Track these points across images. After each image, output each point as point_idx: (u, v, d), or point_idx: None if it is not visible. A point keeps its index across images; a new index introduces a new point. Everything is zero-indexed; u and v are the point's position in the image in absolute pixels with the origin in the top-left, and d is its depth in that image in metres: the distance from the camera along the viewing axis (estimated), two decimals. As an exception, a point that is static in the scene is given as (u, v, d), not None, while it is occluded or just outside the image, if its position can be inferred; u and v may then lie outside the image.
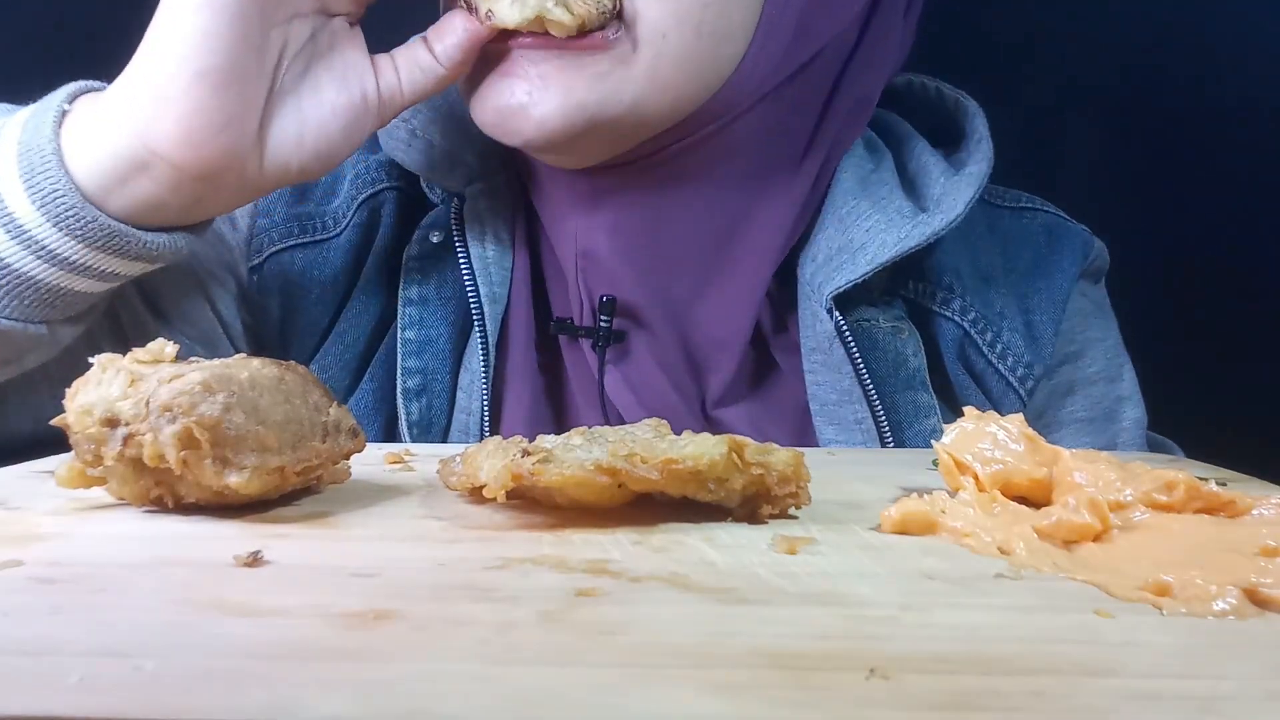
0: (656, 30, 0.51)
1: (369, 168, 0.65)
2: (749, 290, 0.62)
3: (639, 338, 0.62)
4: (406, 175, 0.65)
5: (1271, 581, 0.27)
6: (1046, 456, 0.38)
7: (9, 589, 0.27)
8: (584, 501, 0.34)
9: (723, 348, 0.62)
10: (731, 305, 0.62)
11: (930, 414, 0.62)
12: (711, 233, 0.61)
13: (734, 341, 0.62)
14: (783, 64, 0.57)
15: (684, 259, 0.61)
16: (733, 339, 0.62)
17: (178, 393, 0.33)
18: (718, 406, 0.63)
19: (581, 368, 0.64)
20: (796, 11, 0.56)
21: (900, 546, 0.33)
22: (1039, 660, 0.23)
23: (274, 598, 0.26)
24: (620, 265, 0.60)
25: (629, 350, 0.62)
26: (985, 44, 0.89)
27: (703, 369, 0.63)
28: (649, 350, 0.62)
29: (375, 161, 0.65)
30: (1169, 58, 0.90)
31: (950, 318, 0.64)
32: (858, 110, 0.63)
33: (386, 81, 0.52)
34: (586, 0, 0.49)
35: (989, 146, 0.63)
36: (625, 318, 0.61)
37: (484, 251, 0.61)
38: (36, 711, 0.19)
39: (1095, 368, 0.69)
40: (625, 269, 0.60)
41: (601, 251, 0.60)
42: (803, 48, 0.57)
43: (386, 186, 0.64)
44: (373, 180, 0.64)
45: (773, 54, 0.56)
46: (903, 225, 0.60)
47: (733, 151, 0.59)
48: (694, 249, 0.61)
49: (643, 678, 0.21)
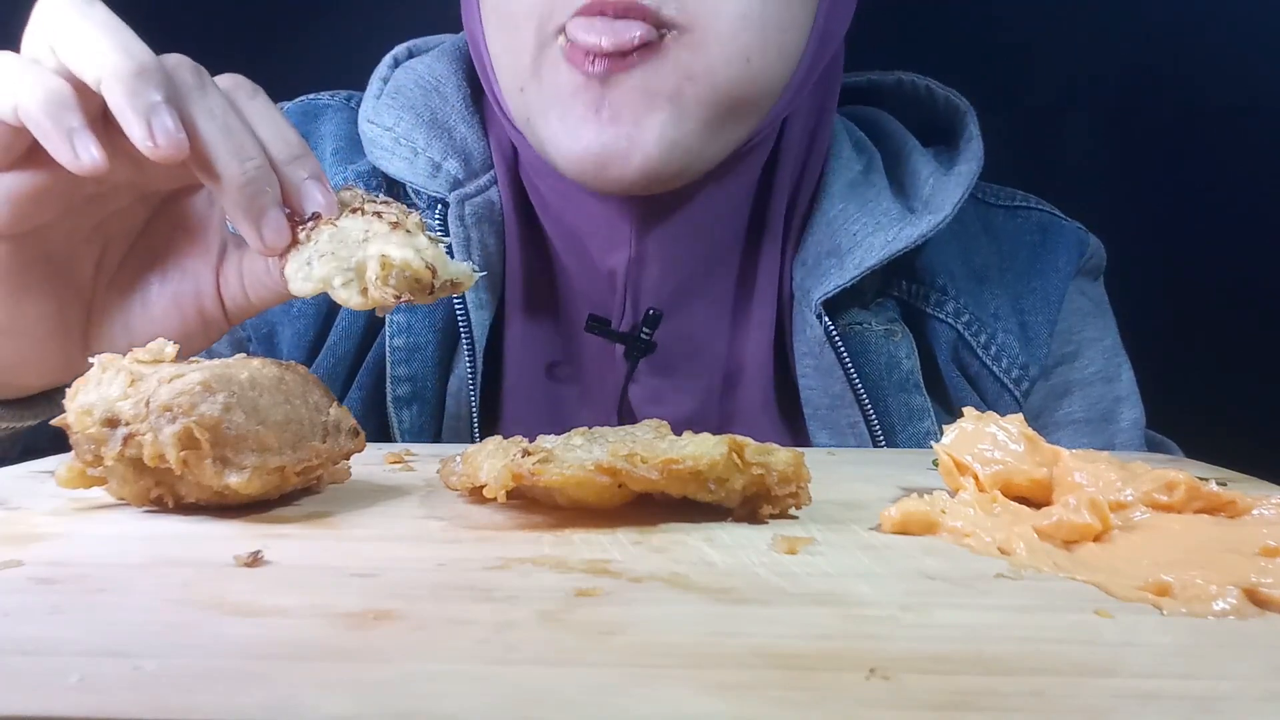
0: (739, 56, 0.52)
1: (347, 179, 0.63)
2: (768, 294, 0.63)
3: (671, 348, 0.62)
4: (390, 183, 0.64)
5: (1271, 581, 0.27)
6: (1046, 457, 0.38)
7: (9, 589, 0.27)
8: (584, 501, 0.34)
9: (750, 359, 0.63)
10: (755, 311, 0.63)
11: (924, 416, 0.62)
12: (737, 238, 0.62)
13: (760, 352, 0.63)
14: (811, 72, 0.58)
15: (716, 266, 0.62)
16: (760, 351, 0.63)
17: (178, 393, 0.33)
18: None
19: (600, 373, 0.64)
20: (824, 20, 0.57)
21: (900, 546, 0.33)
22: (1039, 660, 0.23)
23: (274, 598, 0.26)
24: (669, 275, 0.60)
25: (659, 361, 0.62)
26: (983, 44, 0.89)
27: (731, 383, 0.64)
28: (677, 361, 0.62)
29: (355, 172, 0.64)
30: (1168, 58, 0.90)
31: (943, 320, 0.64)
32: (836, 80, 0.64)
33: (230, 292, 0.47)
34: (381, 286, 0.39)
35: (979, 145, 0.63)
36: (660, 327, 0.61)
37: (469, 257, 0.61)
38: (36, 711, 0.19)
39: (1093, 368, 0.68)
40: (672, 278, 0.61)
41: (653, 262, 0.60)
42: (824, 53, 0.59)
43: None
44: None
45: (812, 54, 0.57)
46: (890, 228, 0.60)
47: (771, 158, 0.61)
48: (730, 256, 0.62)
49: (642, 678, 0.21)
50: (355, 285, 0.39)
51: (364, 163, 0.64)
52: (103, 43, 0.37)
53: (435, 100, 0.63)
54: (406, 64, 0.66)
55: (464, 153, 0.62)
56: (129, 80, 0.37)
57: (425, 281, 0.38)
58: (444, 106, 0.63)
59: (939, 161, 0.64)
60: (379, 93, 0.64)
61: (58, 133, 0.37)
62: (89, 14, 0.38)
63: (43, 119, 0.37)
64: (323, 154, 0.65)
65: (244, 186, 0.39)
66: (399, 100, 0.63)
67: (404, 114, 0.62)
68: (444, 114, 0.63)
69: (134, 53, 0.37)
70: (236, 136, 0.39)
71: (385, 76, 0.65)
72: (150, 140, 0.37)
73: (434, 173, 0.61)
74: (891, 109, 0.70)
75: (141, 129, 0.37)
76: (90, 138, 0.37)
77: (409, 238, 0.39)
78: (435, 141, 0.62)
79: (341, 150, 0.65)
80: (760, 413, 0.63)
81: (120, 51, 0.37)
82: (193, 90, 0.39)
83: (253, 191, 0.39)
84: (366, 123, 0.63)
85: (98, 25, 0.38)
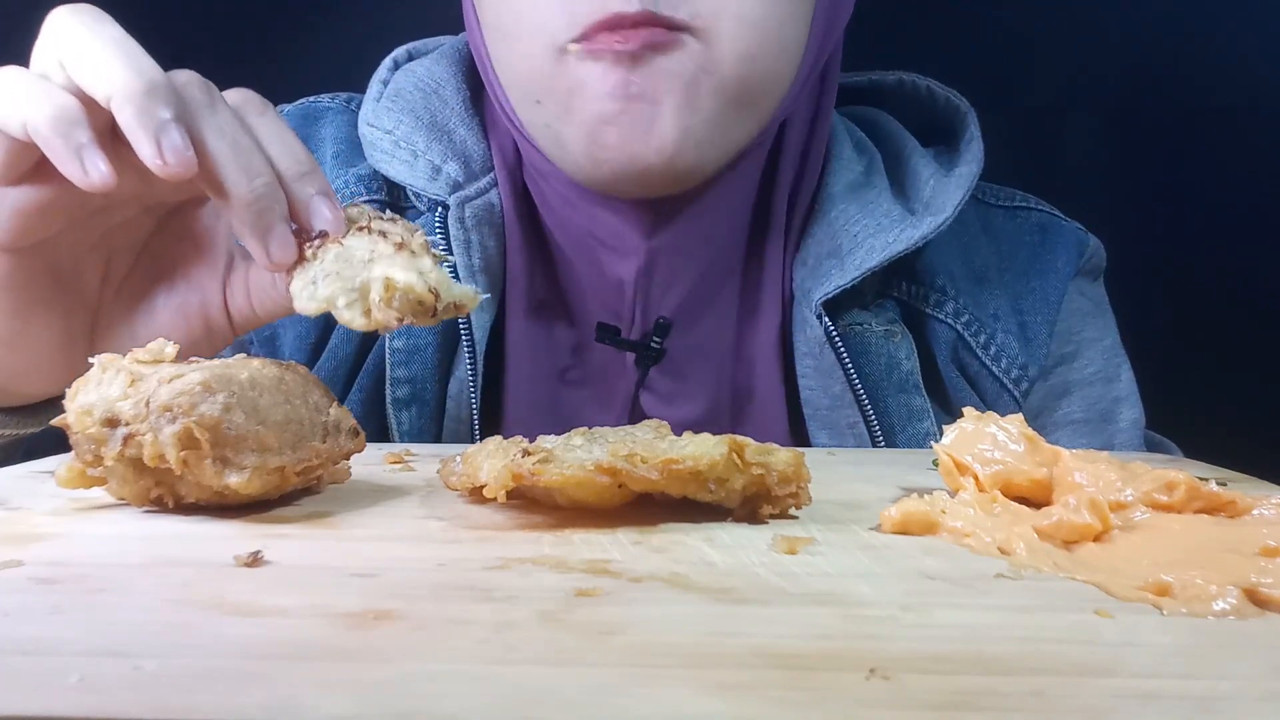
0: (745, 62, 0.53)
1: (348, 182, 0.64)
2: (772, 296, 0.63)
3: (679, 353, 0.62)
4: (390, 186, 0.64)
5: (1271, 581, 0.27)
6: (1047, 457, 0.38)
7: (9, 589, 0.27)
8: (584, 501, 0.34)
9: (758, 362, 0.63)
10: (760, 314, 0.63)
11: (924, 417, 0.62)
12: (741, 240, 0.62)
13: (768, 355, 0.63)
14: (813, 71, 0.59)
15: (722, 269, 0.62)
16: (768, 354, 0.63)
17: (178, 393, 0.33)
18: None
19: (607, 378, 0.63)
20: (825, 17, 0.57)
21: (900, 546, 0.33)
22: (1039, 660, 0.23)
23: (274, 598, 0.26)
24: (679, 282, 0.61)
25: (668, 366, 0.62)
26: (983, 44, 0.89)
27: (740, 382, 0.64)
28: (685, 365, 0.62)
29: (355, 175, 0.64)
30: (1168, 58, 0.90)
31: (943, 320, 0.64)
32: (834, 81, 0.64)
33: (237, 304, 0.47)
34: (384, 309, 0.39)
35: (979, 146, 0.63)
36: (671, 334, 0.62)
37: (470, 260, 0.60)
38: (36, 711, 0.19)
39: (1092, 368, 0.68)
40: (682, 285, 0.61)
41: (663, 270, 0.60)
42: (824, 51, 0.59)
43: (368, 199, 0.63)
44: (353, 194, 0.63)
45: (812, 56, 0.58)
46: (891, 229, 0.60)
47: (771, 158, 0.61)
48: (735, 260, 0.62)
49: (642, 678, 0.21)
50: (359, 306, 0.39)
51: (364, 166, 0.64)
52: (113, 60, 0.37)
53: (435, 103, 0.63)
54: (406, 66, 0.66)
55: (464, 155, 0.62)
56: (138, 98, 0.37)
57: (428, 305, 0.39)
58: (444, 109, 0.63)
59: (939, 162, 0.64)
60: (379, 96, 0.64)
61: (66, 149, 0.37)
62: (99, 30, 0.38)
63: (51, 135, 0.37)
64: (323, 157, 0.65)
65: (251, 204, 0.39)
66: (399, 103, 0.63)
67: (404, 117, 0.62)
68: (444, 117, 0.63)
69: (143, 70, 0.37)
70: (245, 154, 0.39)
71: (385, 79, 0.65)
72: (159, 158, 0.37)
73: (434, 175, 0.61)
74: (892, 109, 0.70)
75: (151, 147, 0.37)
76: (99, 154, 0.37)
77: (413, 259, 0.39)
78: (435, 144, 0.62)
79: (342, 153, 0.65)
80: (770, 414, 0.63)
81: (130, 69, 0.37)
82: (202, 107, 0.39)
83: (260, 208, 0.39)
84: (366, 126, 0.63)
85: (108, 42, 0.38)
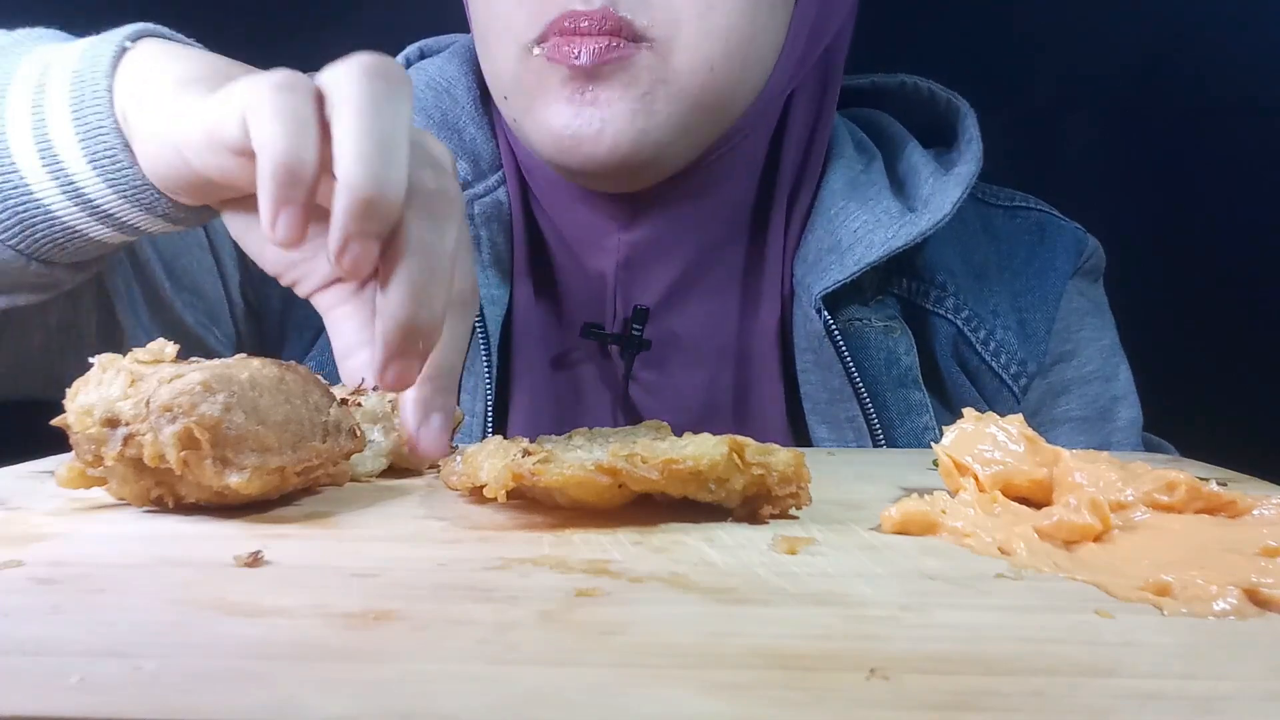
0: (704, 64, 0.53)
1: None
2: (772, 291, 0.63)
3: (671, 346, 0.63)
4: None
5: (1272, 581, 0.27)
6: (1047, 457, 0.38)
7: (9, 589, 0.27)
8: (584, 501, 0.34)
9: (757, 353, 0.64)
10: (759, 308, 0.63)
11: (923, 411, 0.62)
12: (738, 236, 0.63)
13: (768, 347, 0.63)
14: (799, 69, 0.59)
15: (716, 264, 0.63)
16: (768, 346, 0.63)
17: (178, 393, 0.33)
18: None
19: (602, 372, 0.64)
20: (811, 18, 0.58)
21: (900, 546, 0.33)
22: (1039, 660, 0.23)
23: (274, 598, 0.26)
24: (659, 275, 0.61)
25: (659, 358, 0.63)
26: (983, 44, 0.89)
27: (738, 375, 0.64)
28: (678, 358, 0.63)
29: None
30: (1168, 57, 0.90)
31: (944, 315, 0.65)
32: (836, 83, 0.64)
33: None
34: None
35: (979, 147, 0.64)
36: (657, 325, 0.62)
37: (481, 255, 0.62)
38: (36, 711, 0.19)
39: (1090, 367, 0.69)
40: (663, 278, 0.61)
41: (641, 263, 0.61)
42: (812, 50, 0.60)
43: None
44: None
45: (793, 62, 0.58)
46: (890, 225, 0.61)
47: (756, 154, 0.61)
48: (725, 253, 0.63)
49: (642, 678, 0.21)
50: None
51: None
52: (369, 153, 0.35)
53: (446, 101, 0.64)
54: (418, 65, 0.67)
55: (473, 154, 0.63)
56: (360, 204, 0.35)
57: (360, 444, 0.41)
58: (454, 108, 0.64)
59: (939, 162, 0.65)
60: None
61: (275, 201, 0.35)
62: (377, 113, 0.36)
63: (270, 182, 0.35)
64: None
65: (405, 338, 0.36)
66: None
67: (415, 116, 0.62)
68: (454, 115, 0.64)
69: (382, 180, 0.35)
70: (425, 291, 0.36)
71: None
72: (340, 263, 0.35)
73: None
74: (894, 111, 0.71)
75: (339, 248, 0.35)
76: (298, 219, 0.35)
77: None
78: (446, 143, 0.62)
79: None
80: (769, 407, 0.64)
81: (373, 176, 0.35)
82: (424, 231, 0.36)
83: (405, 345, 0.36)
84: None
85: (374, 133, 0.35)
